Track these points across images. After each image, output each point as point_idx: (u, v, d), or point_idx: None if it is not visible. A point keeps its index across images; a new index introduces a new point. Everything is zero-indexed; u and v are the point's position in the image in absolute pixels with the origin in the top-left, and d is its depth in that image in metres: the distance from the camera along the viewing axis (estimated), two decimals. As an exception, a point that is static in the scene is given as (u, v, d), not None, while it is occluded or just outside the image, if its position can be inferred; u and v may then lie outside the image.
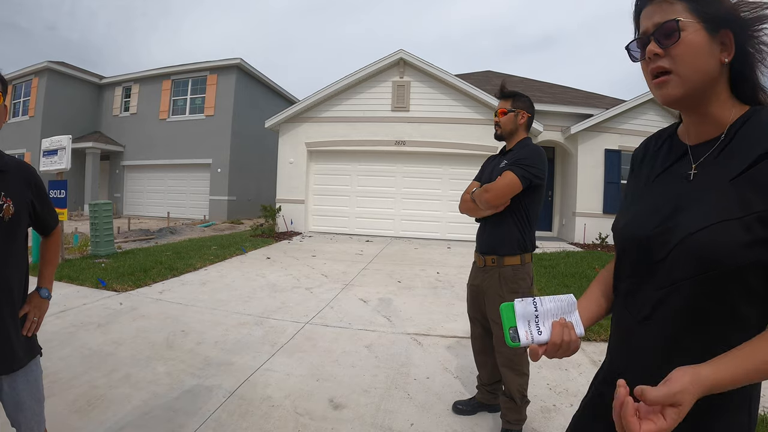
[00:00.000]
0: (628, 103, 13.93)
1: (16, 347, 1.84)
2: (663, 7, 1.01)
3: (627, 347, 1.12)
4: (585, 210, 14.01)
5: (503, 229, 2.85)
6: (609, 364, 1.24)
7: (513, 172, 2.72)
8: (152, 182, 22.26)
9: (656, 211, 1.07)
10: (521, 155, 2.81)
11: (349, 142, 14.49)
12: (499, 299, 2.77)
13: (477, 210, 2.93)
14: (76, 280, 6.95)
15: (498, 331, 2.86)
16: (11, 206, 1.78)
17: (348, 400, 3.44)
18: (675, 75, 0.99)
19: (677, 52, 0.98)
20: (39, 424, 1.97)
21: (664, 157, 1.17)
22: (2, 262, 1.77)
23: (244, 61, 20.51)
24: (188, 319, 5.26)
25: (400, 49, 13.94)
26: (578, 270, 8.76)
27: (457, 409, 3.27)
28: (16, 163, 1.91)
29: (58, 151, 9.06)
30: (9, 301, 1.81)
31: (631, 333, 1.09)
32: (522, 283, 2.85)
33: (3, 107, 1.80)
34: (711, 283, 0.92)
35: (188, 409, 3.22)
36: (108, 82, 23.28)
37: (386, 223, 14.51)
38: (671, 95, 1.01)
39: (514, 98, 2.96)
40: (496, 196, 2.75)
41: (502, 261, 2.85)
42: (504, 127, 2.95)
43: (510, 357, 2.88)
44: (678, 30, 0.97)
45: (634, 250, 1.11)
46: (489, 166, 3.13)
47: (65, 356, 4.05)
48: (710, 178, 1.00)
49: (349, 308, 5.96)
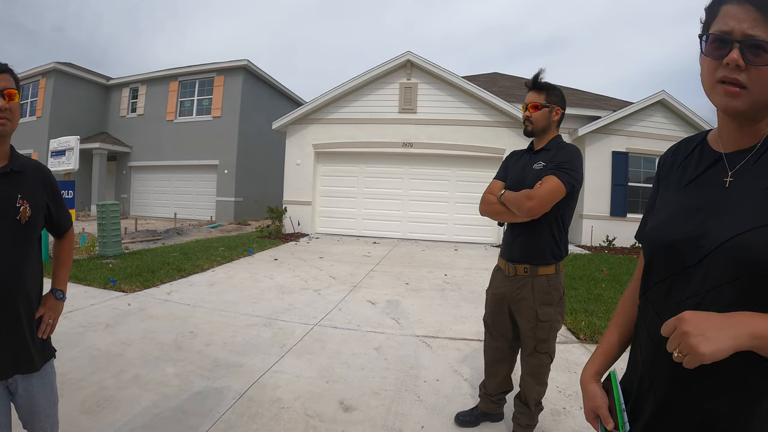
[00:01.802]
0: (636, 105, 13.89)
1: (32, 350, 1.83)
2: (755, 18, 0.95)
3: (662, 355, 1.05)
4: (592, 212, 13.95)
5: (540, 237, 2.66)
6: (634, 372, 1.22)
7: (558, 178, 2.50)
8: (159, 183, 22.30)
9: (689, 217, 1.06)
10: (563, 158, 2.58)
11: (356, 144, 14.48)
12: (532, 312, 2.68)
13: (509, 215, 2.70)
14: (83, 280, 6.97)
15: (530, 344, 2.75)
16: (28, 209, 1.77)
17: (358, 402, 3.43)
18: (748, 92, 0.96)
19: (761, 74, 0.95)
20: (53, 426, 1.96)
21: (695, 164, 1.16)
22: (19, 264, 1.76)
23: (251, 63, 20.53)
24: (196, 320, 5.26)
25: (408, 51, 13.93)
26: (586, 272, 8.74)
27: (460, 420, 3.15)
28: (32, 164, 1.90)
29: (66, 152, 9.11)
30: (26, 304, 1.80)
31: (662, 339, 1.04)
32: (555, 294, 2.68)
33: (18, 105, 1.79)
34: (750, 286, 0.90)
35: (198, 410, 3.21)
36: (115, 83, 23.36)
37: (393, 224, 14.49)
38: (737, 108, 0.99)
39: (548, 91, 2.69)
40: (541, 204, 2.50)
41: (536, 271, 2.67)
42: (536, 124, 2.70)
43: (536, 368, 2.79)
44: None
45: (664, 256, 1.09)
46: (516, 164, 2.87)
47: (74, 357, 4.05)
48: (747, 185, 0.99)
49: (358, 310, 5.94)
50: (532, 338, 2.73)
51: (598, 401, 1.23)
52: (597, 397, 1.24)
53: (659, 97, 13.78)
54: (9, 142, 1.81)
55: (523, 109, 2.77)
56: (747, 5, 0.96)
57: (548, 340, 2.73)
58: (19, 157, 1.84)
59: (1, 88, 1.70)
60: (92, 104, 22.82)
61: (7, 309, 1.72)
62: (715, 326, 0.84)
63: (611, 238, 13.38)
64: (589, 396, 1.26)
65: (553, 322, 2.71)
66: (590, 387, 1.28)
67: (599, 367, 1.31)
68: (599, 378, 1.30)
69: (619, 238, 13.48)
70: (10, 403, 1.85)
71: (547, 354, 2.76)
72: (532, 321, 2.68)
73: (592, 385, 1.28)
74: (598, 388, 1.26)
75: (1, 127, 1.70)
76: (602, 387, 1.27)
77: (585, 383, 1.30)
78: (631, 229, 13.30)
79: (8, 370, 1.76)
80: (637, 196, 14.00)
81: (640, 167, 14.18)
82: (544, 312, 2.66)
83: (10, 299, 1.72)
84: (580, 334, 4.99)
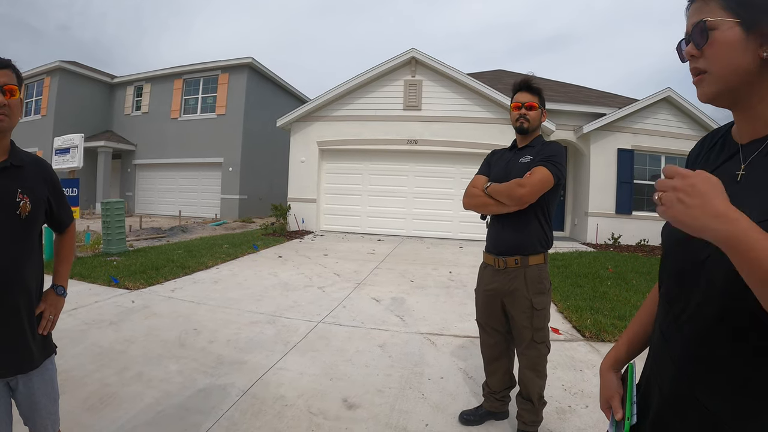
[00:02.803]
0: (641, 102, 13.82)
1: (33, 346, 1.82)
2: (699, 7, 1.00)
3: (669, 351, 1.06)
4: (597, 210, 13.91)
5: (530, 227, 2.76)
6: (647, 366, 1.21)
7: (547, 169, 2.64)
8: (164, 181, 22.37)
9: None
10: (549, 152, 2.73)
11: (361, 141, 14.46)
12: (527, 302, 2.74)
13: (495, 206, 2.80)
14: (88, 277, 6.97)
15: (527, 335, 2.79)
16: (28, 203, 1.76)
17: (362, 399, 3.41)
18: (709, 74, 0.98)
19: (709, 52, 0.97)
20: (54, 423, 1.95)
21: (715, 156, 1.13)
22: (19, 260, 1.76)
23: (255, 61, 20.53)
24: (200, 318, 5.25)
25: (412, 48, 13.89)
26: (591, 270, 8.69)
27: (464, 419, 3.15)
28: (32, 159, 1.89)
29: (71, 150, 9.11)
30: (26, 300, 1.79)
31: (671, 335, 1.06)
32: (546, 283, 2.79)
33: (18, 102, 1.78)
34: None
35: (201, 407, 3.20)
36: (119, 81, 23.41)
37: (398, 222, 14.47)
38: (706, 93, 1.01)
39: (540, 95, 2.88)
40: (532, 191, 2.63)
41: (527, 261, 2.76)
42: (532, 122, 2.84)
43: (534, 359, 2.83)
44: (706, 30, 0.96)
45: (675, 251, 1.09)
46: (500, 161, 3.00)
47: (77, 354, 4.05)
48: (758, 178, 0.95)
49: (362, 307, 5.92)
50: (528, 328, 2.78)
51: (612, 391, 1.25)
52: (612, 386, 1.26)
53: (665, 94, 13.72)
54: (9, 138, 1.81)
55: (516, 107, 2.89)
56: (695, 2, 1.02)
57: (544, 329, 2.82)
58: (19, 152, 1.83)
59: (1, 84, 1.69)
60: (97, 102, 22.87)
61: (6, 304, 1.70)
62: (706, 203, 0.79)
63: (617, 236, 13.32)
64: (605, 385, 1.29)
65: (546, 310, 2.81)
66: (607, 376, 1.30)
67: (619, 357, 1.32)
68: (618, 368, 1.31)
69: (624, 235, 13.43)
70: (11, 400, 1.83)
71: (544, 343, 2.84)
72: (527, 311, 2.76)
73: (610, 375, 1.30)
74: (615, 378, 1.28)
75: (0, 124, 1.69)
76: (620, 377, 1.28)
77: (603, 372, 1.32)
78: (636, 226, 13.41)
79: (8, 368, 1.74)
80: (642, 194, 13.94)
81: (645, 165, 14.12)
82: (539, 300, 2.76)
83: (10, 294, 1.71)
84: (585, 332, 4.95)
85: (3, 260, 1.69)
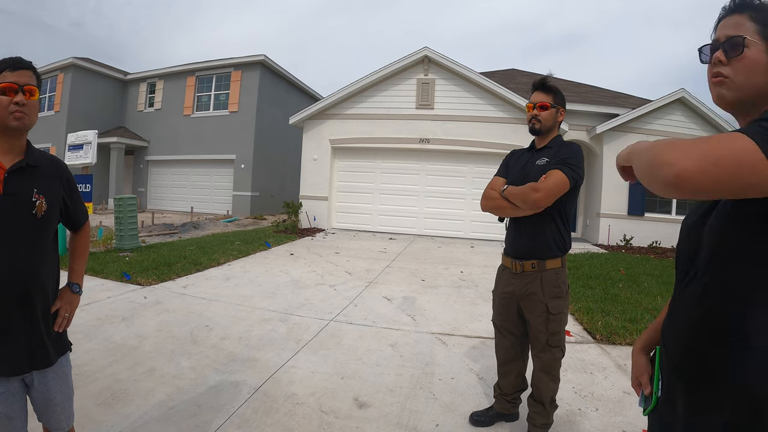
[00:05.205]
0: (655, 103, 13.69)
1: (48, 344, 1.83)
2: (737, 23, 1.13)
3: (676, 329, 1.21)
4: (609, 211, 13.82)
5: (546, 231, 2.72)
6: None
7: (563, 172, 2.59)
8: (176, 177, 22.46)
9: (701, 205, 1.23)
10: (566, 154, 2.69)
11: (373, 140, 14.46)
12: (543, 306, 2.71)
13: (513, 209, 2.76)
14: (100, 273, 7.03)
15: (542, 338, 2.77)
16: (44, 203, 1.78)
17: (373, 399, 3.40)
18: (731, 81, 1.11)
19: (738, 65, 1.10)
20: (68, 419, 1.96)
21: None
22: (36, 259, 1.77)
23: (267, 58, 20.54)
24: (212, 314, 5.27)
25: (425, 47, 13.85)
26: (602, 272, 8.64)
27: (475, 420, 3.14)
28: (48, 159, 1.90)
29: (84, 146, 9.17)
30: (42, 298, 1.81)
31: (680, 315, 1.20)
32: (563, 287, 2.76)
33: (37, 102, 1.80)
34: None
35: (213, 404, 3.21)
36: (132, 78, 23.52)
37: (409, 221, 14.45)
38: (724, 96, 1.13)
39: (556, 94, 2.80)
40: (547, 195, 2.57)
41: (544, 265, 2.73)
42: (544, 123, 2.79)
43: (548, 363, 2.80)
44: (743, 46, 1.09)
45: (683, 240, 1.26)
46: (518, 162, 2.96)
47: (90, 349, 4.08)
48: None
49: (373, 306, 5.92)
50: (543, 332, 2.75)
51: (642, 370, 1.41)
52: (642, 366, 1.42)
53: (678, 95, 13.58)
54: (26, 137, 1.83)
55: (529, 108, 2.85)
56: (734, 15, 1.15)
57: (559, 333, 2.78)
58: (35, 152, 1.85)
59: (22, 84, 1.72)
60: (110, 99, 23.00)
61: (23, 303, 1.72)
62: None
63: (629, 238, 13.23)
64: (636, 364, 1.45)
65: (563, 314, 2.78)
66: (638, 357, 1.46)
67: (648, 340, 1.47)
68: (648, 351, 1.46)
69: (636, 237, 13.34)
70: (26, 396, 1.85)
71: (559, 348, 2.80)
72: (543, 315, 2.73)
73: (640, 356, 1.46)
74: (644, 359, 1.44)
75: (18, 122, 1.71)
76: (649, 359, 1.43)
77: (634, 353, 1.49)
78: (649, 228, 13.33)
79: (24, 366, 1.76)
80: (655, 195, 13.77)
81: (659, 166, 13.90)
82: (555, 305, 2.72)
83: (26, 293, 1.73)
84: (596, 334, 4.91)
85: (19, 260, 1.70)
